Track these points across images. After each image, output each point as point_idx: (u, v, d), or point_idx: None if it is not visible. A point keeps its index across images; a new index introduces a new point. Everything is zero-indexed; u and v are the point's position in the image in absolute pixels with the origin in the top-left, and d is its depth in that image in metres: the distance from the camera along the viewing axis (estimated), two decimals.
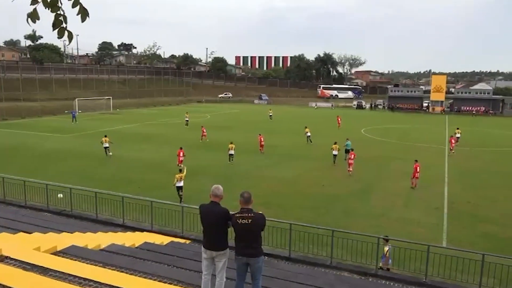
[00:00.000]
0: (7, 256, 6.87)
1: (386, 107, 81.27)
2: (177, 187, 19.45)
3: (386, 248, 11.85)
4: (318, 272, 11.02)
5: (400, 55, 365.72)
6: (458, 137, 37.16)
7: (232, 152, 28.34)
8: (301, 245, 13.02)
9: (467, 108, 74.96)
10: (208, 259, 6.08)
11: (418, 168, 22.49)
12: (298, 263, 12.17)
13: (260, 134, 33.43)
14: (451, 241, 15.05)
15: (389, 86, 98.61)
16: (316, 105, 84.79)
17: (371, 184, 23.28)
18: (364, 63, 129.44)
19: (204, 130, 37.34)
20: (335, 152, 28.60)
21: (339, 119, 49.06)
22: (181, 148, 26.93)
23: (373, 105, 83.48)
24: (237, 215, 5.92)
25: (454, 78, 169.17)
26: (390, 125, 48.66)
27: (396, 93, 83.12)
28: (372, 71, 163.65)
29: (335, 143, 28.91)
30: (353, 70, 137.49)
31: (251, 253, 5.95)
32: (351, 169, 25.39)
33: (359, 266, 12.01)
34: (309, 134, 37.24)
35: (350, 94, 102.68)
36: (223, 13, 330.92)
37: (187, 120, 48.81)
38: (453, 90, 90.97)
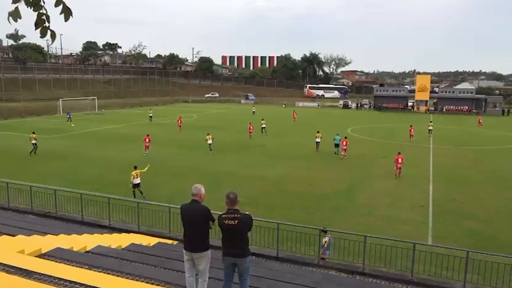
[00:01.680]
0: None
1: (372, 107, 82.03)
2: (133, 184, 19.32)
3: (325, 239, 12.17)
4: (306, 271, 11.07)
5: (385, 55, 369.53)
6: (430, 129, 42.75)
7: (210, 141, 31.62)
8: (288, 244, 13.05)
9: (451, 107, 76.11)
10: (189, 261, 6.01)
11: (400, 159, 24.31)
12: (286, 263, 12.21)
13: (250, 123, 39.15)
14: (437, 239, 15.27)
15: (374, 86, 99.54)
16: (284, 104, 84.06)
17: (357, 183, 23.47)
18: (349, 63, 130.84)
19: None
20: (317, 140, 32.66)
21: (295, 114, 55.59)
22: (147, 135, 29.31)
23: (359, 105, 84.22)
24: (224, 215, 5.91)
25: (438, 78, 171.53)
26: (376, 124, 49.16)
27: (381, 92, 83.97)
28: (357, 71, 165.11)
29: (318, 132, 33.07)
30: (339, 70, 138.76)
31: (239, 254, 5.96)
32: (345, 153, 29.61)
33: (346, 265, 12.09)
34: (264, 125, 41.64)
35: (336, 93, 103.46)
36: (207, 12, 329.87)
37: (151, 116, 52.39)
38: (437, 89, 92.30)
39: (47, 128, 44.53)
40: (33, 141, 30.28)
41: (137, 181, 19.46)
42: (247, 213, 6.09)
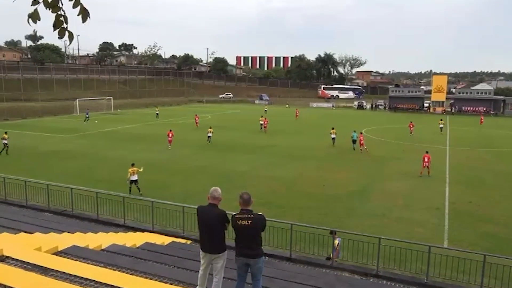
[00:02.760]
0: (8, 256, 6.88)
1: (387, 108, 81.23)
2: (130, 181, 19.99)
3: (336, 241, 12.10)
4: (319, 272, 11.01)
5: (401, 56, 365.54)
6: (441, 127, 45.33)
7: (210, 134, 35.40)
8: (302, 245, 13.01)
9: (468, 109, 74.89)
10: (205, 261, 6.10)
11: (426, 158, 24.79)
12: (299, 264, 12.17)
13: (264, 117, 43.27)
14: (452, 242, 15.04)
15: (390, 86, 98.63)
16: (287, 104, 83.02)
17: (371, 184, 23.27)
18: (364, 63, 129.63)
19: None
20: (333, 136, 34.91)
21: (297, 112, 59.24)
22: (170, 130, 32.42)
23: (374, 106, 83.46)
24: (237, 216, 5.92)
25: (455, 78, 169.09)
26: (391, 126, 48.65)
27: (397, 93, 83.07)
28: (373, 72, 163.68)
29: (333, 128, 35.36)
30: (354, 71, 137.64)
31: (252, 254, 5.96)
32: (365, 147, 32.24)
33: (360, 267, 12.00)
34: (261, 122, 44.74)
35: (351, 94, 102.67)
36: (222, 13, 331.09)
37: (157, 114, 56.79)
38: (454, 90, 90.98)
39: (64, 128, 45.26)
40: (4, 141, 30.13)
41: (134, 177, 20.13)
42: (260, 213, 6.10)
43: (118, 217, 15.93)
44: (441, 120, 47.58)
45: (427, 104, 78.66)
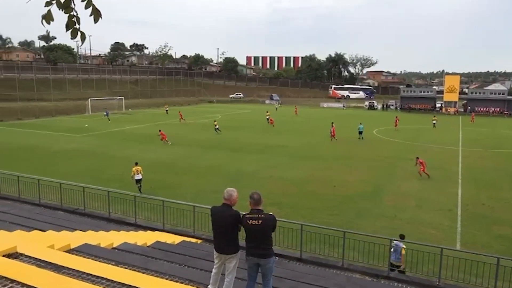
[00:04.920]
0: (22, 253, 6.96)
1: (398, 108, 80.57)
2: (135, 180, 20.21)
3: (403, 246, 11.64)
4: (329, 273, 10.96)
5: (412, 55, 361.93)
6: (434, 123, 49.28)
7: (217, 126, 41.09)
8: (312, 246, 12.96)
9: (481, 109, 73.93)
10: (219, 261, 6.14)
11: (419, 162, 24.74)
12: (309, 264, 12.11)
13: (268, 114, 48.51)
14: (465, 244, 14.85)
15: (401, 87, 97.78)
16: (276, 105, 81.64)
17: (382, 185, 23.09)
18: (375, 63, 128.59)
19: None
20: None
21: (296, 109, 65.39)
22: (160, 130, 35.04)
23: (385, 106, 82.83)
24: (248, 216, 5.92)
25: (468, 78, 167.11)
26: (402, 126, 48.23)
27: (408, 93, 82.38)
28: (384, 71, 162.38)
29: (332, 123, 38.56)
30: (364, 70, 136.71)
31: (262, 254, 5.95)
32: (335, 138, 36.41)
33: (371, 268, 11.91)
34: (268, 117, 49.86)
35: (361, 94, 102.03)
36: (233, 13, 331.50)
37: (167, 110, 61.49)
38: (466, 90, 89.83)
39: (77, 127, 45.76)
40: None
41: (139, 176, 20.37)
42: (270, 213, 6.09)
43: (129, 216, 16.04)
44: (434, 116, 52.51)
45: (439, 105, 77.85)
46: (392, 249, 11.71)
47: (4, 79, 64.88)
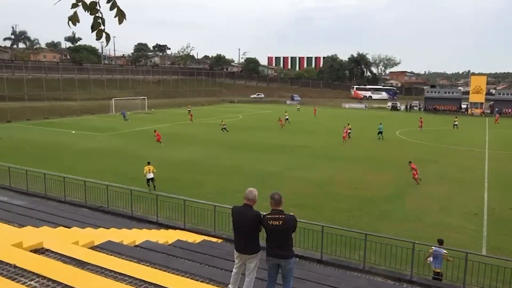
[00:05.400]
0: (48, 249, 7.13)
1: (422, 109, 79.08)
2: (147, 179, 20.59)
3: (444, 252, 11.26)
4: (351, 276, 10.86)
5: (437, 55, 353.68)
6: (455, 124, 48.80)
7: (224, 126, 42.09)
8: (333, 248, 12.84)
9: (509, 111, 71.85)
10: (239, 261, 6.14)
11: (413, 167, 23.35)
12: (330, 266, 12.03)
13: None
14: (491, 249, 14.44)
15: (425, 87, 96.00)
16: (297, 105, 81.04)
17: (406, 187, 22.70)
18: (399, 63, 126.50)
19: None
20: (349, 131, 37.82)
21: (315, 110, 65.24)
22: (155, 131, 34.72)
23: (408, 107, 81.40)
24: (268, 216, 5.91)
25: (495, 79, 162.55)
26: (426, 127, 47.29)
27: (432, 94, 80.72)
28: (407, 72, 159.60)
29: (348, 124, 38.84)
30: (387, 71, 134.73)
31: (283, 255, 5.93)
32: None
33: (393, 272, 11.72)
34: (287, 117, 50.95)
35: (384, 95, 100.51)
36: (254, 14, 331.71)
37: (189, 110, 59.97)
38: (493, 91, 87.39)
39: (101, 127, 46.68)
40: None
41: (150, 175, 20.80)
42: (291, 214, 6.06)
43: (151, 214, 16.27)
44: (456, 118, 52.48)
45: (465, 106, 76.02)
46: (431, 257, 11.31)
47: (32, 79, 66.70)
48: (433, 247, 11.45)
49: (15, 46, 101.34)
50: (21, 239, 7.11)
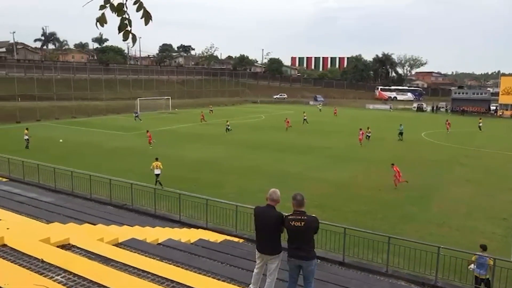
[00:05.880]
0: (74, 245, 7.31)
1: (449, 110, 77.24)
2: (155, 174, 21.30)
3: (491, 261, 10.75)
4: (373, 279, 10.71)
5: (465, 55, 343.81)
6: (480, 126, 47.80)
7: (229, 127, 42.18)
8: (355, 250, 12.70)
9: None
10: (261, 261, 6.14)
11: (394, 168, 22.51)
12: (352, 269, 11.90)
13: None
14: None
15: (452, 88, 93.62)
16: (319, 106, 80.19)
17: (431, 190, 22.22)
18: (425, 63, 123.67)
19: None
20: (368, 134, 37.43)
21: (336, 110, 65.57)
22: (147, 131, 33.87)
23: (435, 108, 79.63)
24: (290, 217, 5.89)
25: None
26: (453, 129, 46.18)
27: (460, 95, 78.71)
28: (434, 72, 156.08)
29: (368, 128, 37.68)
30: (413, 71, 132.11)
31: (304, 256, 5.90)
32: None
33: (417, 276, 11.50)
34: (305, 117, 50.93)
35: (409, 96, 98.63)
36: (278, 14, 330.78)
37: (211, 110, 62.97)
38: None
39: (126, 126, 47.54)
40: (26, 137, 31.82)
41: (157, 171, 21.33)
42: (313, 215, 6.02)
43: (174, 213, 16.46)
44: (480, 119, 51.59)
45: (494, 107, 73.82)
46: (473, 265, 10.88)
47: (61, 79, 68.45)
48: (476, 254, 11.06)
49: (45, 47, 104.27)
50: (49, 234, 7.32)
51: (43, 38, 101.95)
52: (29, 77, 63.95)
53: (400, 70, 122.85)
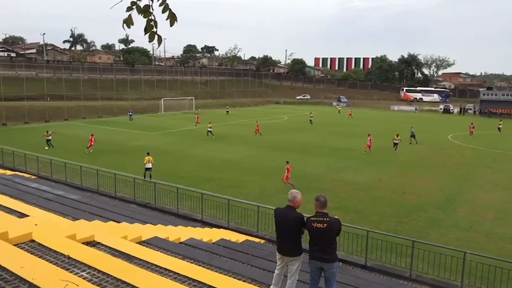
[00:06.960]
0: (99, 242, 7.47)
1: (477, 112, 75.20)
2: (146, 168, 22.43)
3: None
4: (396, 283, 10.53)
5: (494, 55, 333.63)
6: (499, 127, 46.48)
7: (209, 129, 39.56)
8: (378, 253, 12.51)
9: None
10: (281, 262, 6.13)
11: (287, 166, 21.96)
12: (374, 272, 11.72)
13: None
14: None
15: (481, 89, 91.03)
16: (338, 107, 78.75)
17: (457, 194, 21.69)
18: (453, 64, 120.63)
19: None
20: (396, 141, 34.07)
21: (351, 112, 63.38)
22: (92, 135, 31.59)
23: (462, 110, 77.66)
24: (313, 219, 5.85)
25: None
26: (481, 132, 44.93)
27: (489, 96, 76.51)
28: (461, 73, 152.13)
29: (397, 135, 34.17)
30: (440, 72, 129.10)
31: (326, 258, 5.85)
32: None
33: (441, 281, 11.24)
34: (312, 118, 50.96)
35: (436, 97, 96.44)
36: (302, 14, 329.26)
37: (227, 111, 62.66)
38: None
39: (151, 125, 48.26)
40: (48, 137, 32.41)
41: (149, 165, 22.50)
42: (336, 217, 5.97)
43: (196, 213, 16.61)
44: (501, 121, 50.58)
45: None
46: None
47: (88, 79, 70.11)
48: None
49: (73, 48, 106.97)
50: (75, 231, 7.50)
51: (71, 39, 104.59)
52: (57, 78, 65.80)
53: (426, 71, 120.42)
